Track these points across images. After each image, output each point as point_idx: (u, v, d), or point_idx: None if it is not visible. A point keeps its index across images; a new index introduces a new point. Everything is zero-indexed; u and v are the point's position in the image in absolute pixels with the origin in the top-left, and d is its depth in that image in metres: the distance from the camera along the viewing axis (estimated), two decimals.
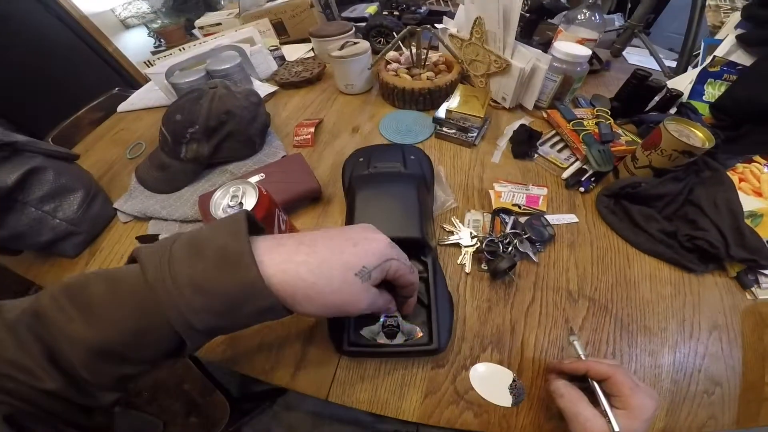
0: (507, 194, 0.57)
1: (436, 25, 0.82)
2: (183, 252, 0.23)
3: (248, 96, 0.68)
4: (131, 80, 2.10)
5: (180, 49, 0.92)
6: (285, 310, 0.25)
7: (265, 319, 0.25)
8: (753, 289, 0.51)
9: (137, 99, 0.89)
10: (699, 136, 0.54)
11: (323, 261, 0.25)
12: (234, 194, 0.42)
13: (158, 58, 0.93)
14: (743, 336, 0.46)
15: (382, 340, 0.39)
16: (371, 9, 1.14)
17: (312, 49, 1.00)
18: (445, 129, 0.68)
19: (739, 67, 0.64)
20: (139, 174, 0.65)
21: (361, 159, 0.52)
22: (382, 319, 0.40)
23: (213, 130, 0.63)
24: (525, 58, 0.68)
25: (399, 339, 0.39)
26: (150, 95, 0.89)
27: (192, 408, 0.66)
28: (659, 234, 0.54)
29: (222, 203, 0.42)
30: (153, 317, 0.22)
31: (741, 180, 0.56)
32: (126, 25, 2.22)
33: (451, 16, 0.83)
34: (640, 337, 0.46)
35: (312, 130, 0.71)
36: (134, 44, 2.21)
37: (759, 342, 0.46)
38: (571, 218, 0.56)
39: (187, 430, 0.64)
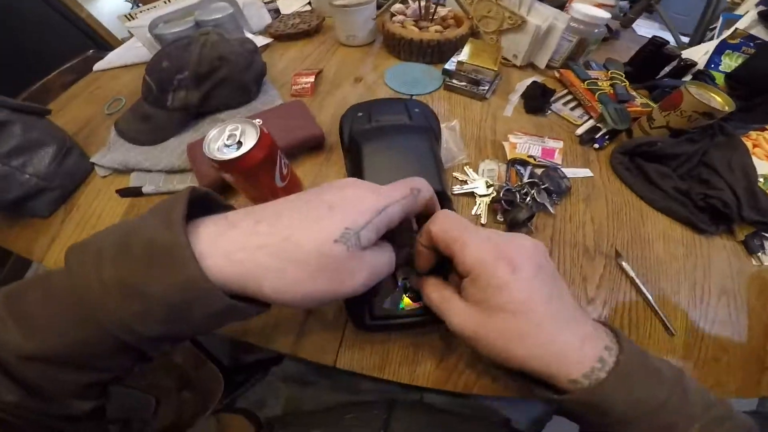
0: (522, 145, 0.56)
1: None
2: (112, 248, 0.19)
3: (243, 43, 0.64)
4: (107, 47, 1.96)
5: (165, 2, 0.86)
6: (255, 307, 0.21)
7: (233, 320, 0.21)
8: (759, 254, 0.52)
9: (115, 57, 0.83)
10: (718, 101, 0.55)
11: (288, 238, 0.20)
12: (231, 132, 0.38)
13: (141, 11, 0.86)
14: (749, 303, 0.47)
15: (408, 306, 0.35)
16: None
17: (309, 2, 0.96)
18: (455, 81, 0.66)
19: (758, 41, 0.66)
20: (120, 127, 0.60)
21: (360, 114, 0.49)
22: (400, 283, 0.36)
23: (204, 76, 0.59)
24: (542, 16, 0.67)
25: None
26: (130, 53, 0.83)
27: (185, 382, 0.61)
28: (673, 192, 0.54)
29: (217, 143, 0.37)
30: (90, 325, 0.19)
31: (755, 146, 0.57)
32: None
33: None
34: (655, 296, 0.46)
35: (312, 79, 0.67)
36: (109, 9, 2.06)
37: (763, 310, 0.47)
38: (586, 172, 0.56)
39: (181, 406, 0.59)
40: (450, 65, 0.66)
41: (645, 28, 0.94)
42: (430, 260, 0.29)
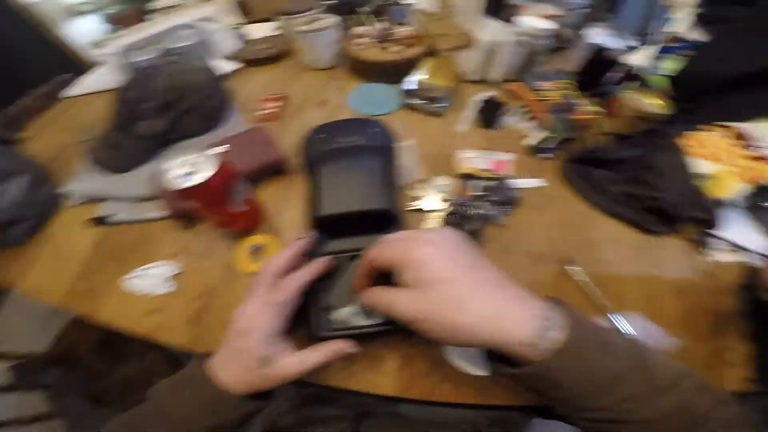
0: (474, 160, 0.58)
1: (404, 0, 0.83)
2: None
3: (207, 71, 0.67)
4: (82, 70, 1.99)
5: (135, 30, 0.89)
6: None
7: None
8: (709, 251, 0.54)
9: (87, 83, 0.85)
10: (655, 104, 0.57)
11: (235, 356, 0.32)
12: (190, 162, 0.41)
13: (110, 38, 0.89)
14: (702, 299, 0.49)
15: (360, 321, 0.37)
16: None
17: (280, 27, 0.99)
18: (414, 100, 0.68)
19: (696, 43, 0.68)
20: (91, 155, 0.62)
21: (321, 135, 0.52)
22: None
23: (169, 105, 0.61)
24: (491, 31, 0.70)
25: (377, 318, 0.37)
26: (102, 79, 0.86)
27: None
28: (621, 196, 0.57)
29: (177, 172, 0.40)
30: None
31: (695, 146, 0.60)
32: (76, 12, 2.11)
33: None
34: (609, 301, 0.47)
35: (278, 104, 0.70)
36: (86, 32, 2.09)
37: (716, 306, 0.48)
38: (537, 182, 0.58)
39: None
40: (410, 84, 0.69)
41: (600, 36, 0.97)
42: (367, 282, 0.32)
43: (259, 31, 0.98)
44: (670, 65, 0.68)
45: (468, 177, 0.57)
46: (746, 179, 0.55)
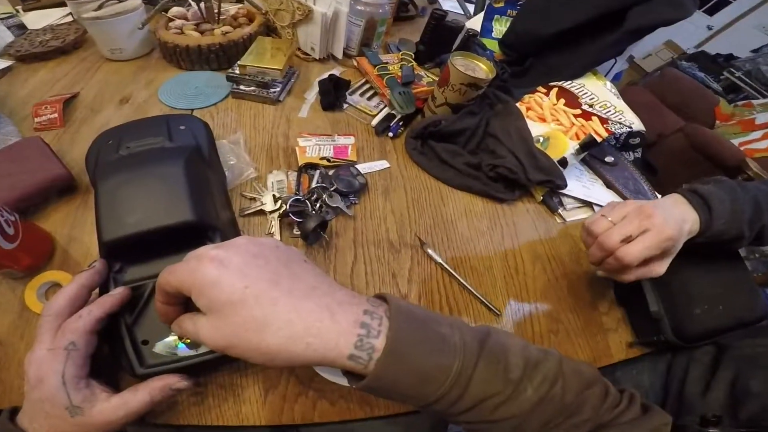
0: (312, 148, 0.58)
1: None
2: None
3: None
4: None
5: None
6: None
7: None
8: (560, 211, 0.62)
9: None
10: (483, 69, 0.63)
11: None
12: None
13: None
14: (563, 263, 0.55)
15: (186, 352, 0.35)
16: None
17: (70, 13, 0.86)
18: (242, 87, 0.65)
19: (520, 2, 0.76)
20: None
21: (109, 141, 0.46)
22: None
23: None
24: (326, 2, 0.70)
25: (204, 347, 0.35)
26: None
27: None
28: (466, 168, 0.62)
29: None
30: None
31: (528, 109, 0.68)
32: None
33: None
34: (470, 278, 0.50)
35: (58, 107, 0.60)
36: None
37: (577, 265, 0.54)
38: (383, 164, 0.60)
39: None
40: (235, 70, 0.65)
41: (451, 2, 1.05)
42: (173, 312, 0.30)
43: (42, 19, 0.84)
44: (500, 27, 0.76)
45: (309, 168, 0.57)
46: (575, 135, 0.64)
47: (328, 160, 0.58)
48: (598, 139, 0.62)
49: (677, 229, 0.40)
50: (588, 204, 0.64)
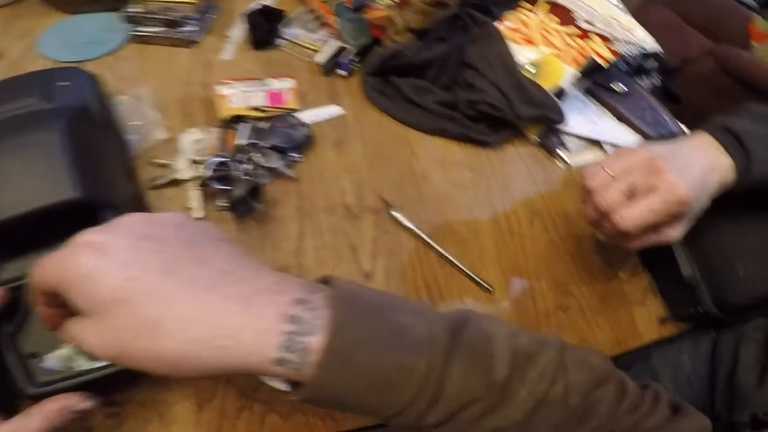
0: (238, 97, 0.53)
1: None
2: None
3: None
4: None
5: None
6: None
7: None
8: (561, 154, 0.57)
9: None
10: None
11: None
12: None
13: None
14: (569, 220, 0.51)
15: (84, 364, 0.34)
16: None
17: None
18: (145, 28, 0.59)
19: None
20: None
21: None
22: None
23: None
24: None
25: None
26: None
27: None
28: (438, 107, 0.57)
29: None
30: None
31: (513, 30, 0.62)
32: None
33: None
34: (451, 246, 0.47)
35: None
36: None
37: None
38: (334, 110, 0.56)
39: None
40: (134, 7, 0.59)
41: None
42: (58, 317, 0.27)
43: None
44: None
45: (236, 121, 0.52)
46: (573, 60, 0.59)
47: (262, 111, 0.53)
48: (603, 63, 0.56)
49: (696, 189, 0.36)
50: (597, 144, 0.60)
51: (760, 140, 0.38)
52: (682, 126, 0.63)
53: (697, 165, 0.37)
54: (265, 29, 0.60)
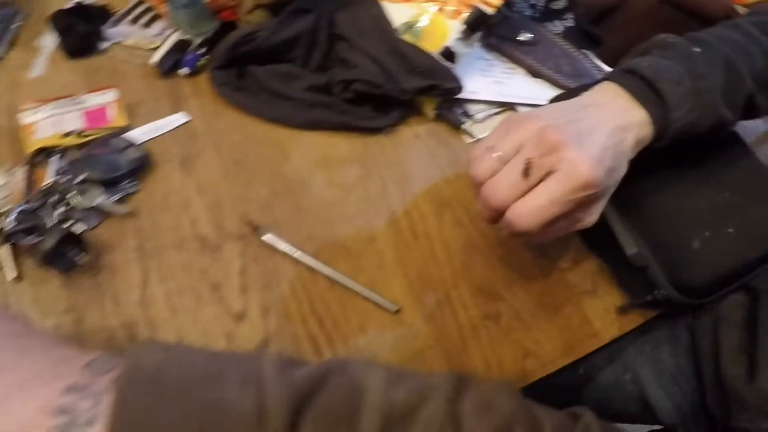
0: (47, 123, 0.48)
1: None
2: None
3: None
4: None
5: None
6: None
7: None
8: (467, 127, 0.54)
9: None
10: None
11: None
12: None
13: None
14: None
15: None
16: None
17: None
18: None
19: None
20: None
21: None
22: None
23: None
24: None
25: None
26: None
27: None
28: (310, 95, 0.53)
29: None
30: None
31: None
32: None
33: None
34: (342, 264, 0.43)
35: None
36: None
37: None
38: (177, 120, 0.52)
39: None
40: None
41: None
42: None
43: None
44: None
45: (44, 154, 0.46)
46: (457, 13, 0.54)
47: (81, 135, 0.47)
48: (489, 11, 0.53)
49: (605, 160, 0.32)
50: (509, 106, 0.57)
51: (676, 82, 0.34)
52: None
53: (602, 127, 0.32)
54: (80, 32, 0.54)
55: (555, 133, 0.31)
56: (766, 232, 0.39)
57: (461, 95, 0.54)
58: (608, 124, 0.33)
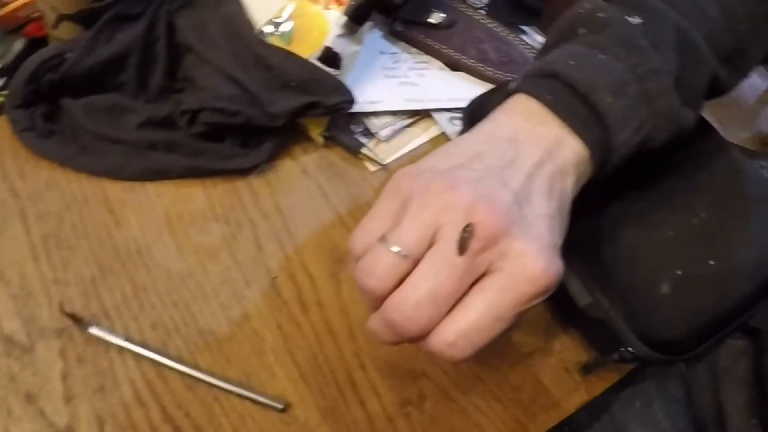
0: None
1: None
2: None
3: None
4: None
5: None
6: None
7: None
8: (368, 150, 0.45)
9: None
10: None
11: None
12: None
13: None
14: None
15: None
16: None
17: None
18: None
19: None
20: None
21: None
22: None
23: None
24: None
25: None
26: None
27: None
28: (146, 133, 0.43)
29: None
30: None
31: None
32: None
33: None
34: (209, 355, 0.35)
35: None
36: None
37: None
38: None
39: None
40: None
41: None
42: None
43: None
44: None
45: None
46: (335, 1, 0.45)
47: None
48: None
49: (556, 238, 0.24)
50: (424, 113, 0.48)
51: (615, 89, 0.25)
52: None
53: (539, 182, 0.23)
54: None
55: (489, 212, 0.20)
56: (762, 258, 0.31)
57: (357, 108, 0.44)
58: (543, 174, 0.23)
